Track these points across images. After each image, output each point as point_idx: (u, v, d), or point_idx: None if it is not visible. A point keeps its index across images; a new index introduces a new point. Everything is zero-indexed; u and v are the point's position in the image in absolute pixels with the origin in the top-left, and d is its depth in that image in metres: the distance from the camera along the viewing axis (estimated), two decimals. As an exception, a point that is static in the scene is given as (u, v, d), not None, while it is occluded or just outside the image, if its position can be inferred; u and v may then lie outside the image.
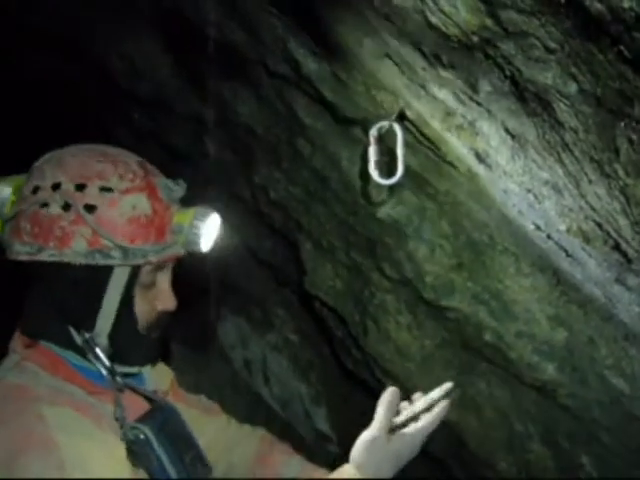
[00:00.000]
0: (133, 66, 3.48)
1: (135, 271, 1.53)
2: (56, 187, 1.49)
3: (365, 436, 1.56)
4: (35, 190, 1.50)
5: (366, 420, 1.60)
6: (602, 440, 2.37)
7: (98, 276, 1.50)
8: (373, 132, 2.00)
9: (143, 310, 1.58)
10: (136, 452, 1.50)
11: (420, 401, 1.61)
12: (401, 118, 2.03)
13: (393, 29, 1.53)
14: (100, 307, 1.53)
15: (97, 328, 1.54)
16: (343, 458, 1.61)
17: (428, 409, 1.59)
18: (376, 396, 1.67)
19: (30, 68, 4.29)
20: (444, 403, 1.59)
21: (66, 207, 1.47)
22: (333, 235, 3.05)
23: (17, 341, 1.60)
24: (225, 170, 3.56)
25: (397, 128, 1.95)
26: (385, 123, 1.99)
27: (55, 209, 1.47)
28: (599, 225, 1.52)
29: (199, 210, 1.61)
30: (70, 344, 1.55)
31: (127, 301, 1.54)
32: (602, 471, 2.45)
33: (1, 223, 1.56)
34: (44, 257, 1.47)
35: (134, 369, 1.65)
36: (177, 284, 1.65)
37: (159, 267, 1.57)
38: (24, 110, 4.69)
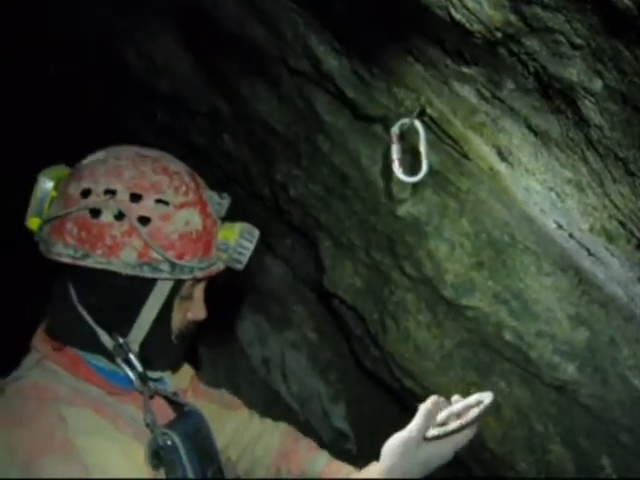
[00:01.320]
0: (153, 63, 3.48)
1: (178, 284, 1.52)
2: (110, 194, 1.46)
3: (398, 437, 1.55)
4: (85, 193, 1.47)
5: (384, 419, 1.60)
6: (623, 441, 2.35)
7: (141, 287, 1.49)
8: (395, 130, 1.99)
9: (177, 320, 1.57)
10: (162, 457, 1.50)
11: (458, 405, 1.60)
12: (422, 115, 2.02)
13: (416, 26, 1.53)
14: (138, 316, 1.52)
15: (131, 335, 1.53)
16: (361, 457, 1.61)
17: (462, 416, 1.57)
18: (394, 395, 1.67)
19: (50, 68, 4.31)
20: (478, 414, 1.56)
21: (119, 216, 1.44)
22: (353, 233, 3.04)
23: (39, 340, 1.59)
24: (244, 167, 3.56)
25: (419, 126, 1.94)
26: (407, 120, 1.98)
27: (108, 217, 1.44)
28: (622, 224, 1.50)
29: (245, 227, 1.59)
30: (97, 348, 1.54)
31: (165, 313, 1.54)
32: (622, 472, 2.42)
33: (39, 221, 1.53)
34: (90, 263, 1.45)
35: (156, 374, 1.65)
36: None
37: (198, 280, 1.57)
38: (45, 109, 4.72)
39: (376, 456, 1.59)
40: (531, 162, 1.62)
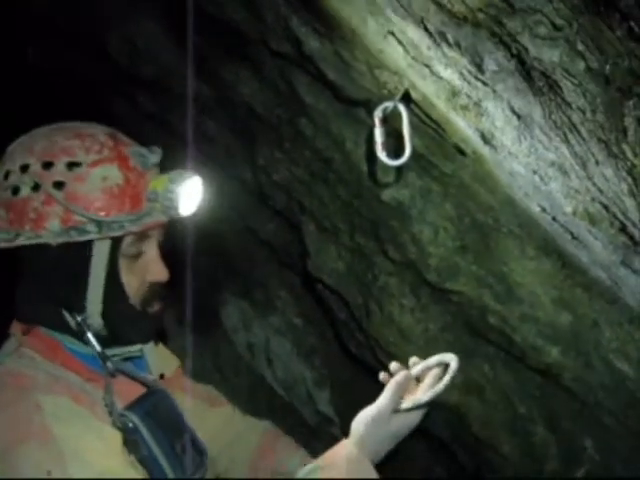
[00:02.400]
0: (134, 47, 3.44)
1: (116, 243, 1.50)
2: (24, 169, 1.47)
3: (369, 413, 1.55)
4: (6, 175, 1.49)
5: (369, 403, 1.59)
6: (606, 424, 2.36)
7: (79, 254, 1.49)
8: (378, 113, 1.97)
9: (133, 284, 1.54)
10: (126, 439, 1.49)
11: (417, 367, 1.62)
12: (405, 99, 2.00)
13: (398, 7, 1.50)
14: (87, 286, 1.50)
15: (88, 309, 1.52)
16: (345, 438, 1.60)
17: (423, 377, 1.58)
18: (379, 379, 1.66)
19: (32, 53, 4.26)
20: (449, 381, 1.57)
21: (35, 187, 1.45)
22: (336, 217, 3.03)
23: (15, 326, 1.59)
24: (226, 151, 3.53)
25: (402, 109, 1.92)
26: (390, 104, 1.95)
27: (26, 191, 1.46)
28: (606, 207, 1.49)
29: (174, 174, 1.57)
30: (65, 327, 1.54)
31: (113, 276, 1.51)
32: (605, 454, 2.44)
33: None
34: (22, 241, 1.45)
35: (135, 348, 1.63)
36: (177, 265, 1.62)
37: (143, 237, 1.54)
38: (26, 95, 4.66)
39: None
40: (514, 145, 1.61)
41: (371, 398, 1.60)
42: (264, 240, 3.94)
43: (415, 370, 1.62)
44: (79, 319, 1.51)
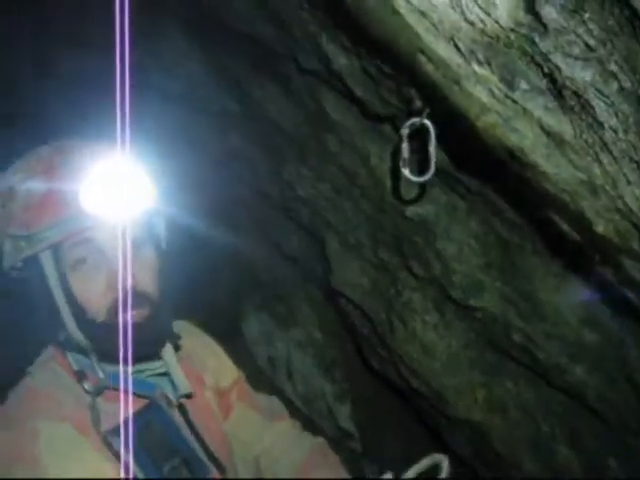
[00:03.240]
0: (163, 62, 3.48)
1: (56, 254, 1.48)
2: None
3: None
4: None
5: (390, 418, 1.59)
6: (630, 443, 2.34)
7: (35, 271, 1.50)
8: (405, 129, 1.98)
9: (89, 294, 1.49)
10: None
11: None
12: (433, 115, 2.01)
13: (429, 25, 1.52)
14: (56, 302, 1.49)
15: (67, 326, 1.50)
16: (366, 456, 1.60)
17: None
18: (401, 395, 1.66)
19: (61, 66, 4.31)
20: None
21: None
22: (360, 232, 3.04)
23: None
24: (253, 166, 3.56)
25: (429, 125, 1.93)
26: (417, 120, 1.97)
27: None
28: (636, 226, 1.50)
29: (100, 173, 1.50)
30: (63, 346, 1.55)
31: (65, 287, 1.48)
32: (629, 474, 2.42)
33: None
34: (3, 265, 1.51)
35: (156, 365, 1.59)
36: (203, 278, 1.61)
37: (83, 242, 1.49)
38: (55, 108, 4.72)
39: (381, 456, 1.58)
40: (543, 163, 1.61)
41: (392, 414, 1.60)
42: (288, 254, 3.95)
43: None
44: (62, 338, 1.52)
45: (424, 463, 1.55)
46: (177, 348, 1.64)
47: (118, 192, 1.46)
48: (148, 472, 1.46)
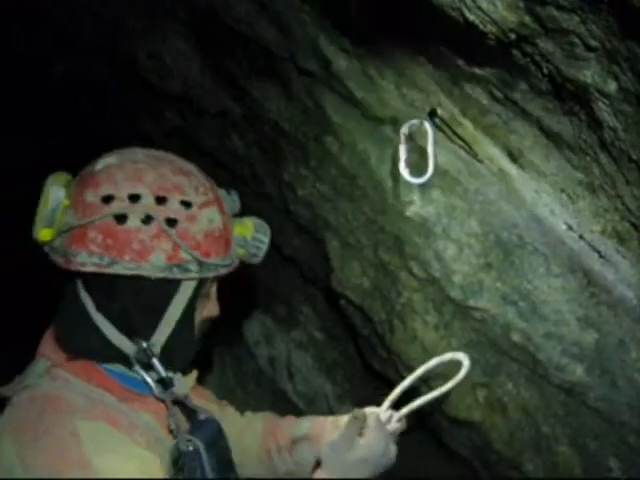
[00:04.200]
0: (163, 63, 3.49)
1: (201, 284, 1.52)
2: (135, 199, 1.45)
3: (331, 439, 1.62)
4: (107, 199, 1.45)
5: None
6: (631, 443, 2.35)
7: (167, 289, 1.49)
8: (404, 130, 1.99)
9: (199, 320, 1.58)
10: (184, 463, 1.48)
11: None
12: (432, 116, 2.02)
13: (428, 26, 1.53)
14: (162, 318, 1.51)
15: (154, 337, 1.51)
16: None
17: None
18: (401, 395, 1.68)
19: (59, 67, 4.32)
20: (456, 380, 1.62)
21: (146, 220, 1.43)
22: (361, 233, 3.04)
23: (50, 348, 1.55)
24: (252, 167, 3.56)
25: (428, 126, 1.94)
26: (416, 121, 1.98)
27: (134, 222, 1.43)
28: (635, 226, 1.50)
29: (258, 222, 1.63)
30: (115, 357, 1.52)
31: (189, 312, 1.53)
32: (630, 475, 2.42)
33: (52, 231, 1.49)
34: (118, 270, 1.43)
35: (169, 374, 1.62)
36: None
37: (215, 278, 1.57)
38: (53, 109, 4.73)
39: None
40: (543, 164, 1.62)
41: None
42: (288, 255, 3.95)
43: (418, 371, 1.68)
44: (144, 345, 1.49)
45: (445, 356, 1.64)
46: None
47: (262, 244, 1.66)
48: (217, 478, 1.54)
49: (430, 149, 1.91)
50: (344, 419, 1.73)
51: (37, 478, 1.33)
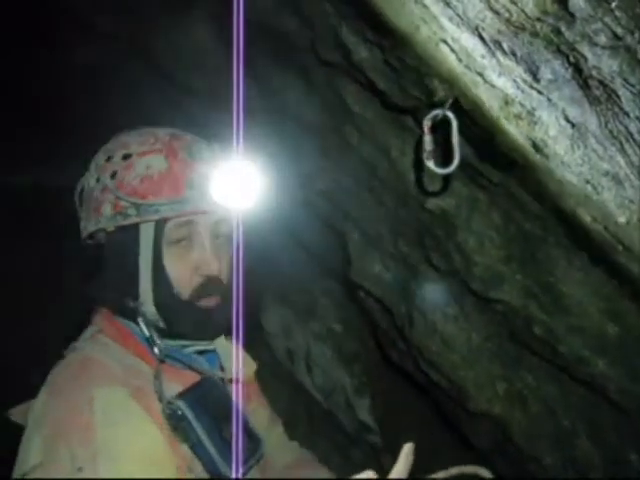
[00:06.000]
0: (183, 55, 3.49)
1: (159, 228, 1.56)
2: (95, 166, 1.63)
3: None
4: (87, 176, 1.65)
5: (409, 412, 1.60)
6: (652, 438, 2.33)
7: (129, 238, 1.56)
8: (427, 121, 1.97)
9: (181, 272, 1.58)
10: (175, 427, 1.51)
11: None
12: (455, 106, 2.00)
13: (453, 15, 1.51)
14: (138, 272, 1.56)
15: (141, 296, 1.57)
16: (386, 450, 1.60)
17: None
18: (420, 388, 1.66)
19: (79, 56, 4.34)
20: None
21: (98, 180, 1.59)
22: (381, 225, 3.03)
23: (97, 313, 1.67)
24: (273, 159, 3.56)
25: (451, 117, 1.93)
26: (439, 112, 1.96)
27: (92, 183, 1.60)
28: (660, 217, 1.49)
29: (216, 164, 1.63)
30: (127, 314, 1.61)
31: (158, 261, 1.56)
32: (652, 469, 2.41)
33: None
34: (90, 228, 1.59)
35: (203, 343, 1.66)
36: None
37: (187, 224, 1.58)
38: (75, 97, 4.75)
39: (400, 450, 1.56)
40: (567, 154, 1.60)
41: (411, 407, 1.61)
42: (307, 247, 3.96)
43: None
44: (132, 305, 1.57)
45: (468, 468, 1.61)
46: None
47: (227, 184, 1.59)
48: (212, 436, 1.54)
49: (454, 139, 1.89)
50: None
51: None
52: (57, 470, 1.36)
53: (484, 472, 1.62)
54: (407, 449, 1.42)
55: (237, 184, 1.59)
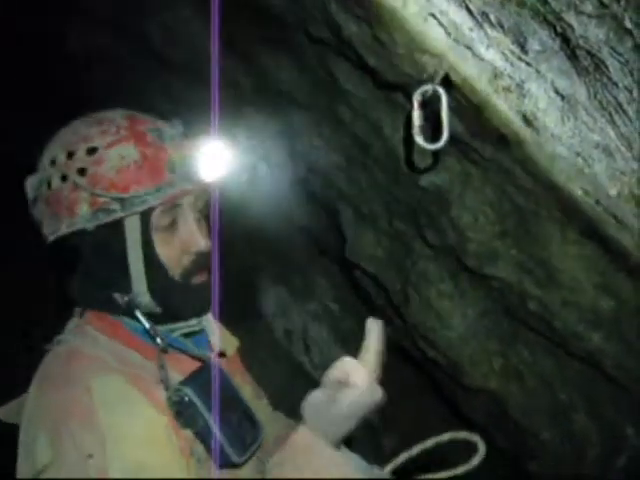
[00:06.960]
0: (170, 33, 3.46)
1: (145, 218, 1.52)
2: (53, 163, 1.53)
3: (312, 395, 1.49)
4: (39, 170, 1.57)
5: (407, 389, 1.59)
6: (648, 411, 2.34)
7: (113, 234, 1.52)
8: (417, 96, 1.95)
9: (171, 256, 1.56)
10: (182, 414, 1.50)
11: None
12: (445, 82, 1.98)
13: (439, -13, 1.49)
14: (128, 265, 1.54)
15: (134, 288, 1.55)
16: (385, 427, 1.59)
17: None
18: (417, 365, 1.66)
19: (70, 39, 4.31)
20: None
21: (64, 178, 1.51)
22: (375, 203, 3.02)
23: (81, 310, 1.64)
24: (265, 137, 3.54)
25: (441, 92, 1.91)
26: (429, 87, 1.94)
27: (56, 183, 1.52)
28: (652, 189, 1.47)
29: (190, 142, 1.60)
30: (118, 309, 1.57)
31: (149, 250, 1.54)
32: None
33: None
34: (64, 230, 1.51)
35: (192, 323, 1.66)
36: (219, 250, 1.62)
37: (173, 207, 1.56)
38: (63, 80, 4.73)
39: (397, 427, 1.57)
40: (557, 127, 1.59)
41: (409, 384, 1.61)
42: (302, 226, 3.95)
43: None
44: (126, 299, 1.55)
45: (460, 434, 1.61)
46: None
47: (202, 159, 1.58)
48: (222, 422, 1.53)
49: (444, 115, 1.87)
50: None
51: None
52: (69, 463, 1.36)
53: (476, 438, 1.62)
54: (370, 323, 1.49)
55: (210, 156, 1.60)
